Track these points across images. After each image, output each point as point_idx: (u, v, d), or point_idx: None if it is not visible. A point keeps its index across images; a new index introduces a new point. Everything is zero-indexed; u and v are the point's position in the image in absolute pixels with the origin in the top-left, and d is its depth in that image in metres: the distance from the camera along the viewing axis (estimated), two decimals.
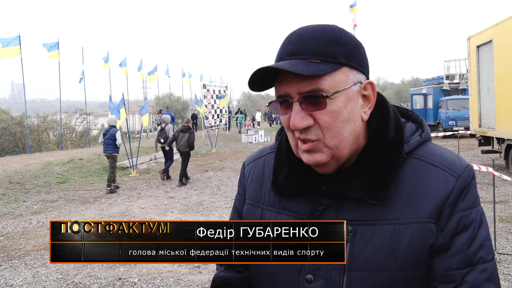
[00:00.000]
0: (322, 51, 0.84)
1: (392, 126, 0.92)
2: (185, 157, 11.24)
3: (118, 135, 10.21)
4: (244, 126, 31.74)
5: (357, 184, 0.88)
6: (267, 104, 0.95)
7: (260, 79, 0.87)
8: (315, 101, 0.84)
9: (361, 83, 0.88)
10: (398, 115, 0.96)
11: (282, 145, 1.00)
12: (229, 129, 30.60)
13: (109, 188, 10.09)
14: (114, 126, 10.31)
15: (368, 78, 0.91)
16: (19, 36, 15.51)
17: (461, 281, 0.84)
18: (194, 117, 27.34)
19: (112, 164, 10.26)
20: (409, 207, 0.87)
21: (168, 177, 11.80)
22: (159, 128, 12.22)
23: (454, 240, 0.85)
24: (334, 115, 0.84)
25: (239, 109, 40.65)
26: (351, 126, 0.87)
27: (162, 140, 11.74)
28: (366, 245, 0.87)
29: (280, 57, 0.88)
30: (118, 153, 10.42)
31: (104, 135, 10.29)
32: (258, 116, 42.11)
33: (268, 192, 1.01)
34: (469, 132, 12.96)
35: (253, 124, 37.95)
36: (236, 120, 33.25)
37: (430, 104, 23.00)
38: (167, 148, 11.60)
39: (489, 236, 0.88)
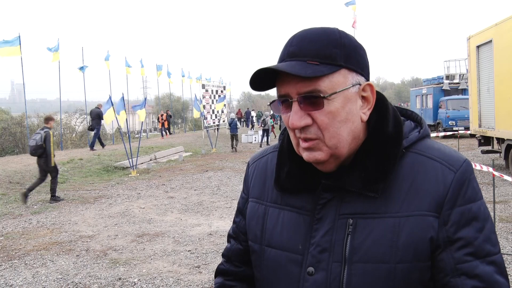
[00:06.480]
0: (321, 53, 0.86)
1: (391, 122, 0.94)
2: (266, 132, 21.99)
3: (238, 123, 20.05)
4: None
5: (356, 177, 0.90)
6: (269, 104, 0.97)
7: (261, 79, 0.90)
8: (313, 101, 0.86)
9: (360, 84, 0.90)
10: (397, 112, 0.98)
11: (284, 143, 1.03)
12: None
13: (233, 148, 19.38)
14: (235, 118, 20.10)
15: (368, 80, 0.93)
16: (19, 36, 15.49)
17: (472, 273, 0.85)
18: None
19: (235, 138, 19.40)
20: (408, 200, 0.88)
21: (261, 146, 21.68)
22: (261, 119, 23.67)
23: (459, 233, 0.86)
24: (331, 115, 0.87)
25: (247, 109, 40.45)
26: (349, 126, 0.89)
27: (262, 125, 22.17)
28: (367, 237, 0.88)
29: (282, 59, 0.91)
30: (238, 132, 19.86)
31: (230, 124, 19.81)
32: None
33: (271, 189, 1.04)
34: (469, 132, 12.95)
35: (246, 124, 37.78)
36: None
37: (430, 104, 23.01)
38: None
39: (494, 229, 0.89)
